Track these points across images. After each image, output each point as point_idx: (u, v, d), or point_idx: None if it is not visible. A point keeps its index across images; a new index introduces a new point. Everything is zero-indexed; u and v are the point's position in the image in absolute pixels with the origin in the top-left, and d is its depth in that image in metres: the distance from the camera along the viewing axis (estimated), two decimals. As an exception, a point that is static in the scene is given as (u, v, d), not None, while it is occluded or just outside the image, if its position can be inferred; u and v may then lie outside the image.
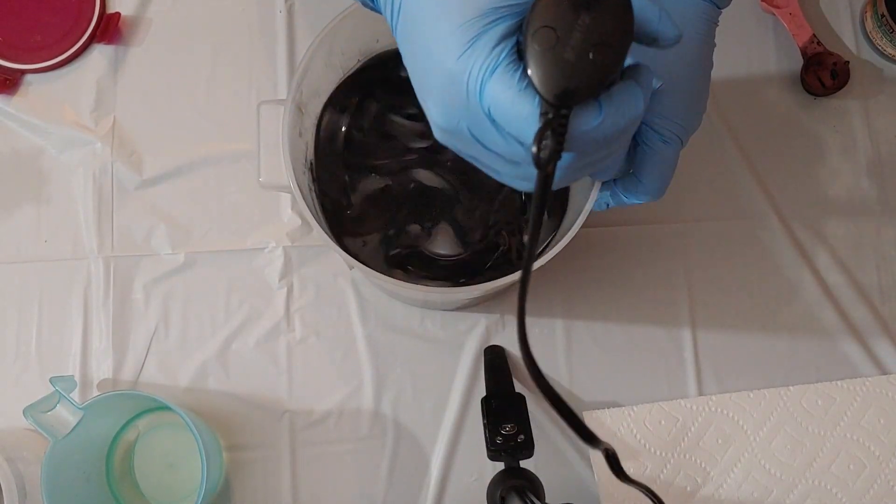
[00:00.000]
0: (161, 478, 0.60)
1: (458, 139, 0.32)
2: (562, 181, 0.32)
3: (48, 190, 0.64)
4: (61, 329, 0.62)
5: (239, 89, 0.65)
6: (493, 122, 0.30)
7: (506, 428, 0.53)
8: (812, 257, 0.64)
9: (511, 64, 0.29)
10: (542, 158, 0.28)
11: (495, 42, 0.29)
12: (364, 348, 0.61)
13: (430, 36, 0.30)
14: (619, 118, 0.30)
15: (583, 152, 0.30)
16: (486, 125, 0.30)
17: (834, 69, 0.65)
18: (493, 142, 0.31)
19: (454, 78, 0.29)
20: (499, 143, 0.31)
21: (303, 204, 0.45)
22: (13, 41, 0.65)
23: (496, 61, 0.29)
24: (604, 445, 0.33)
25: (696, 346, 0.62)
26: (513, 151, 0.31)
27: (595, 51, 0.27)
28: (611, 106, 0.29)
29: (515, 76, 0.29)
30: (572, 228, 0.44)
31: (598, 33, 0.27)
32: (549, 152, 0.28)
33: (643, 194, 0.45)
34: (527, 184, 0.33)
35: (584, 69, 0.27)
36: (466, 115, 0.30)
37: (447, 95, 0.30)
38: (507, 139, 0.30)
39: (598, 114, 0.29)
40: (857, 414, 0.60)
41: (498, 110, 0.29)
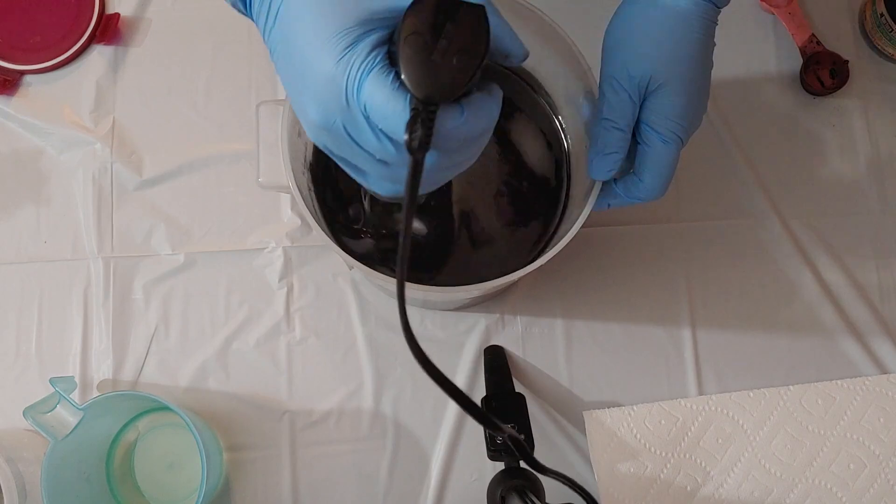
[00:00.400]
0: (161, 478, 0.60)
1: (332, 137, 0.35)
2: (427, 183, 0.35)
3: (48, 190, 0.64)
4: (61, 329, 0.62)
5: (238, 89, 0.65)
6: (368, 119, 0.33)
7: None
8: (812, 256, 0.64)
9: (385, 67, 0.32)
10: (414, 146, 0.31)
11: (370, 48, 0.32)
12: (364, 348, 0.61)
13: (310, 42, 0.33)
14: (478, 121, 0.33)
15: (446, 151, 0.33)
16: (361, 123, 0.33)
17: (833, 68, 0.65)
18: (367, 140, 0.34)
19: (333, 79, 0.32)
20: (371, 141, 0.33)
21: (302, 204, 0.45)
22: (13, 42, 0.65)
23: (372, 64, 0.32)
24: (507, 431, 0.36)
25: (696, 346, 0.62)
26: (384, 150, 0.33)
27: (458, 56, 0.31)
28: (471, 110, 0.33)
29: (389, 77, 0.32)
30: (573, 228, 0.44)
31: (461, 41, 0.32)
32: (419, 140, 0.31)
33: (644, 193, 0.45)
34: (391, 186, 0.36)
35: (449, 72, 0.31)
36: (343, 114, 0.33)
37: (325, 95, 0.33)
38: (379, 137, 0.33)
39: (461, 115, 0.33)
40: (857, 413, 0.60)
41: (373, 108, 0.32)
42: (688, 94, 0.43)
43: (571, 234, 0.44)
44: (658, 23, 0.43)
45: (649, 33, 0.43)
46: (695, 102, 0.44)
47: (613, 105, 0.43)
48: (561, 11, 0.47)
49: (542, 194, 0.53)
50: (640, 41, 0.43)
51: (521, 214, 0.53)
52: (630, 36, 0.44)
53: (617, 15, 0.45)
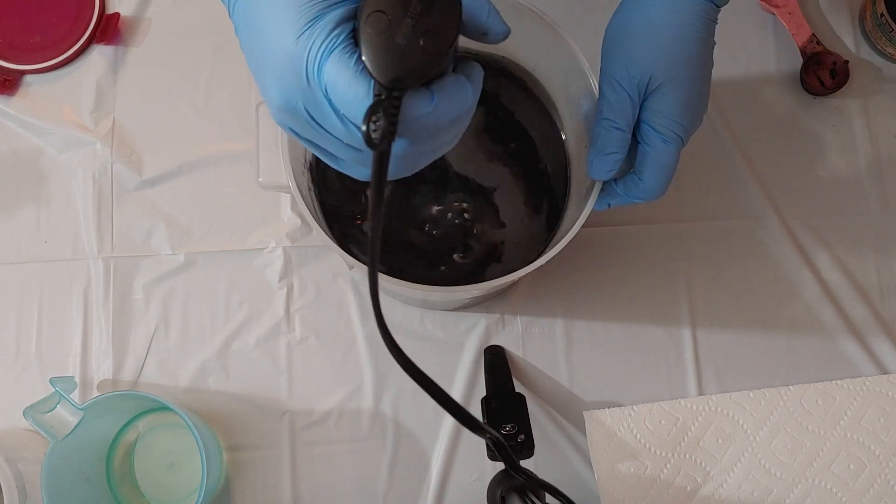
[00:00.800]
0: (161, 478, 0.60)
1: (295, 120, 0.32)
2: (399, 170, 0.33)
3: (48, 190, 0.64)
4: (61, 329, 0.62)
5: (238, 89, 0.65)
6: (330, 103, 0.30)
7: (506, 428, 0.53)
8: (812, 257, 0.64)
9: (348, 47, 0.29)
10: (375, 138, 0.28)
11: (333, 25, 0.29)
12: (364, 348, 0.61)
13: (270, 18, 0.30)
14: (450, 108, 0.31)
15: (416, 139, 0.31)
16: (323, 106, 0.31)
17: (833, 68, 0.65)
18: (331, 124, 0.31)
19: (293, 58, 0.30)
20: (336, 125, 0.31)
21: (302, 204, 0.45)
22: (13, 42, 0.66)
23: (334, 43, 0.29)
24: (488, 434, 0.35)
25: (696, 346, 0.62)
26: (350, 135, 0.31)
27: (425, 38, 0.28)
28: (442, 95, 0.30)
29: (352, 59, 0.29)
30: (573, 228, 0.44)
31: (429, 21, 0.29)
32: (381, 132, 0.28)
33: (645, 193, 0.45)
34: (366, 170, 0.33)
35: (415, 55, 0.28)
36: (304, 96, 0.31)
37: (286, 75, 0.31)
38: (344, 122, 0.31)
39: (430, 101, 0.30)
40: (857, 413, 0.60)
41: (334, 91, 0.30)
42: (688, 94, 0.43)
43: (572, 234, 0.44)
44: (657, 22, 0.43)
45: (649, 33, 0.43)
46: (695, 102, 0.44)
47: (613, 105, 0.43)
48: (561, 11, 0.47)
49: (542, 194, 0.53)
50: (640, 41, 0.43)
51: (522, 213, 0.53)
52: (629, 36, 0.44)
53: (616, 14, 0.45)
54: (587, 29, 0.48)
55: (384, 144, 0.29)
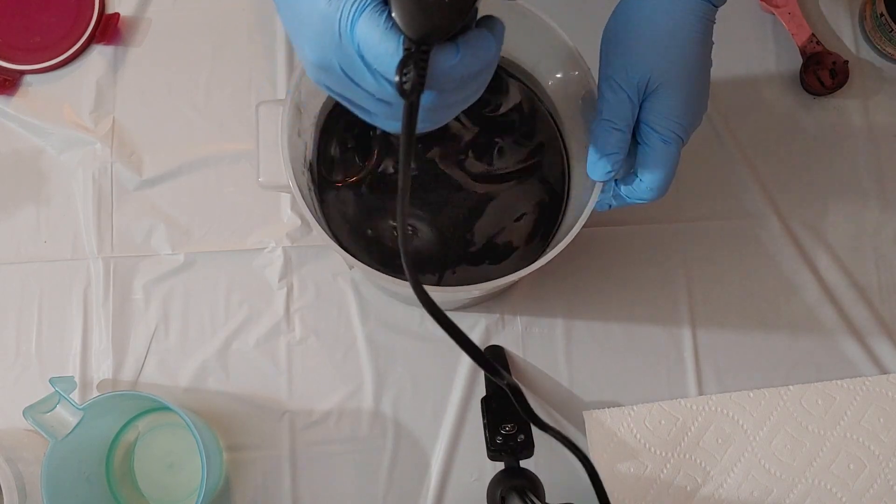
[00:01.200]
0: (161, 478, 0.60)
1: (330, 77, 0.34)
2: (426, 122, 0.35)
3: (48, 190, 0.64)
4: (61, 329, 0.62)
5: (238, 89, 0.65)
6: (363, 59, 0.32)
7: (506, 428, 0.53)
8: (811, 256, 0.64)
9: (378, 6, 0.31)
10: (406, 89, 0.31)
11: None
12: (364, 348, 0.61)
13: None
14: (475, 60, 0.33)
15: (442, 91, 0.33)
16: (356, 63, 0.33)
17: (833, 68, 0.65)
18: (364, 79, 0.33)
19: (327, 18, 0.32)
20: (369, 81, 0.33)
21: (302, 204, 0.45)
22: (13, 42, 0.66)
23: (364, 3, 0.31)
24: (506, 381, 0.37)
25: (695, 346, 0.62)
26: (382, 90, 0.33)
27: None
28: (467, 48, 0.32)
29: (382, 17, 0.31)
30: (573, 228, 0.44)
31: None
32: (412, 84, 0.31)
33: (645, 194, 0.45)
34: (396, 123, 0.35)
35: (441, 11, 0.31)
36: (338, 53, 0.33)
37: (320, 34, 0.33)
38: (376, 77, 0.33)
39: (455, 54, 0.32)
40: (856, 413, 0.60)
41: (366, 48, 0.32)
42: (687, 94, 0.43)
43: (572, 234, 0.44)
44: (656, 23, 0.43)
45: (647, 33, 0.43)
46: (694, 102, 0.44)
47: (612, 105, 0.43)
48: (560, 11, 0.47)
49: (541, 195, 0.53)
50: (639, 41, 0.43)
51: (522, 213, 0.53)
52: (628, 36, 0.44)
53: (615, 15, 0.45)
54: (586, 29, 0.48)
55: (414, 95, 0.31)
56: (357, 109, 0.36)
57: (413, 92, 0.31)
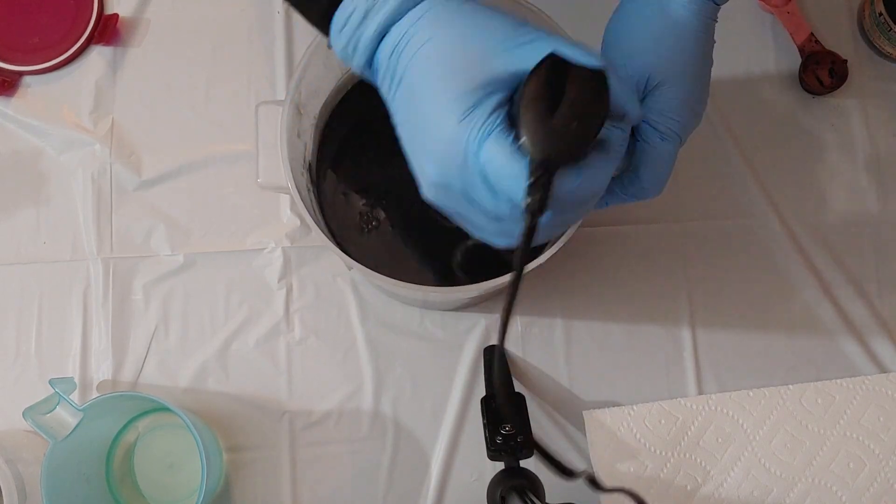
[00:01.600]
0: (161, 479, 0.60)
1: (449, 196, 0.36)
2: (540, 237, 0.36)
3: (47, 191, 0.64)
4: (61, 330, 0.62)
5: (237, 90, 0.65)
6: (486, 180, 0.33)
7: (506, 428, 0.53)
8: (811, 256, 0.64)
9: (505, 129, 0.33)
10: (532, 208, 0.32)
11: (491, 110, 0.33)
12: (364, 348, 0.61)
13: (432, 104, 0.34)
14: (594, 183, 0.34)
15: (561, 210, 0.34)
16: (478, 183, 0.34)
17: (832, 68, 0.65)
18: (482, 198, 0.34)
19: (454, 140, 0.33)
20: (486, 200, 0.34)
21: (301, 205, 0.45)
22: (12, 43, 0.65)
23: (492, 126, 0.33)
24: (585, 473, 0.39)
25: (695, 345, 0.62)
26: (498, 208, 0.34)
27: (578, 121, 0.32)
28: (588, 172, 0.34)
29: (508, 139, 0.32)
30: (571, 228, 0.44)
31: (581, 107, 0.32)
32: (535, 206, 0.32)
33: (642, 191, 0.45)
34: (505, 239, 0.36)
35: (569, 136, 0.32)
36: (461, 174, 0.34)
37: (446, 156, 0.34)
38: (495, 196, 0.34)
39: (577, 177, 0.33)
40: (856, 412, 0.60)
41: (492, 169, 0.33)
42: (686, 92, 0.43)
43: (570, 233, 0.44)
44: (656, 21, 0.43)
45: (647, 32, 0.43)
46: (694, 100, 0.44)
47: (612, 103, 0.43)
48: (560, 10, 0.47)
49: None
50: (638, 40, 0.43)
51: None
52: (628, 35, 0.44)
53: (616, 14, 0.45)
54: (587, 28, 0.48)
55: (536, 218, 0.32)
56: (467, 224, 0.37)
57: (535, 215, 0.32)
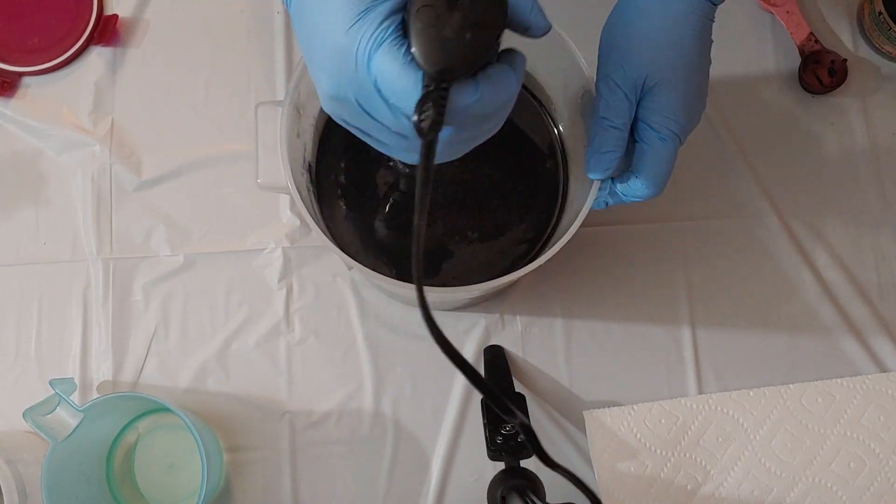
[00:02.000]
0: (161, 479, 0.60)
1: (346, 109, 0.34)
2: (444, 155, 0.34)
3: (47, 192, 0.64)
4: (61, 331, 0.62)
5: (237, 90, 0.65)
6: (380, 93, 0.31)
7: (506, 428, 0.53)
8: (811, 255, 0.64)
9: (397, 39, 0.30)
10: (424, 127, 0.30)
11: (382, 17, 0.30)
12: (364, 348, 0.61)
13: (322, 11, 0.32)
14: (495, 97, 0.32)
15: (461, 126, 0.32)
16: (373, 96, 0.32)
17: (832, 67, 0.65)
18: (380, 113, 0.32)
19: (344, 50, 0.31)
20: (385, 114, 0.32)
21: (301, 205, 0.45)
22: (11, 44, 0.65)
23: (383, 35, 0.30)
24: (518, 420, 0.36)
25: (695, 345, 0.62)
26: (399, 123, 0.32)
27: (472, 31, 0.30)
28: (487, 85, 0.31)
29: (401, 51, 0.30)
30: (571, 227, 0.44)
31: (475, 15, 0.30)
32: (430, 122, 0.29)
33: (642, 191, 0.45)
34: (414, 156, 0.34)
35: (462, 48, 0.30)
36: (355, 86, 0.32)
37: (336, 66, 0.32)
38: (393, 110, 0.32)
39: (475, 91, 0.31)
40: (857, 412, 0.60)
41: (384, 82, 0.31)
42: (684, 92, 0.43)
43: (570, 233, 0.44)
44: (654, 21, 0.43)
45: (645, 32, 0.43)
46: (692, 100, 0.44)
47: (610, 104, 0.43)
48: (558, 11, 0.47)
49: (540, 194, 0.53)
50: (637, 40, 0.43)
51: (520, 214, 0.53)
52: (626, 34, 0.44)
53: (613, 13, 0.45)
54: (585, 29, 0.48)
55: (433, 134, 0.30)
56: (372, 141, 0.36)
57: (431, 130, 0.30)
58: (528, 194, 0.53)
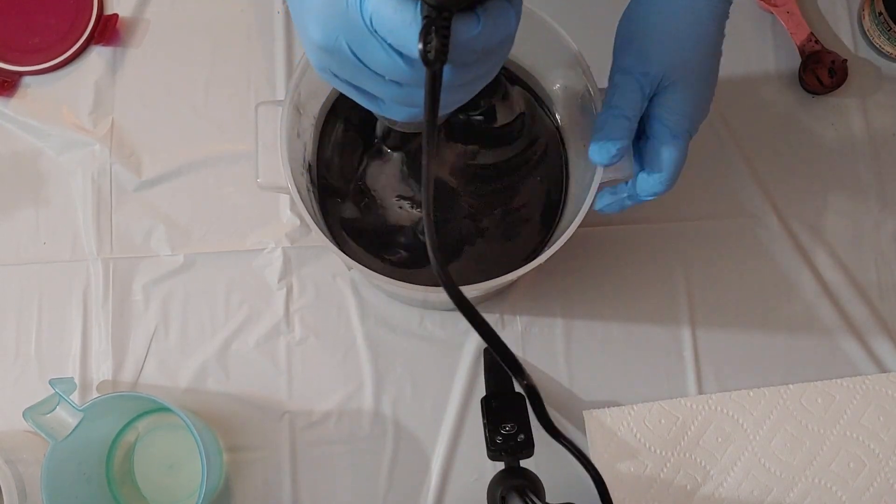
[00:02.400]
0: (161, 479, 0.60)
1: (336, 59, 0.32)
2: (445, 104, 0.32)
3: (47, 192, 0.64)
4: (61, 331, 0.62)
5: (237, 90, 0.65)
6: (375, 33, 0.30)
7: (506, 428, 0.53)
8: (811, 255, 0.64)
9: None
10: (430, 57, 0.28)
11: None
12: (364, 348, 0.61)
13: None
14: (496, 31, 0.30)
15: (462, 65, 0.31)
16: (367, 39, 0.30)
17: (832, 67, 0.65)
18: (375, 58, 0.31)
19: None
20: (380, 58, 0.31)
21: (301, 205, 0.45)
22: (11, 43, 0.65)
23: None
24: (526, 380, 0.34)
25: (695, 345, 0.62)
26: (395, 67, 0.31)
27: None
28: (487, 18, 0.30)
29: None
30: (571, 227, 0.44)
31: None
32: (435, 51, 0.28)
33: (658, 188, 0.45)
34: (407, 110, 0.33)
35: None
36: (347, 30, 0.30)
37: (328, 9, 0.30)
38: (388, 53, 0.30)
39: (476, 24, 0.30)
40: (856, 412, 0.60)
41: (380, 19, 0.29)
42: (699, 91, 0.43)
43: (570, 233, 0.44)
44: (672, 19, 0.43)
45: (665, 28, 0.43)
46: (705, 96, 0.44)
47: (625, 94, 0.43)
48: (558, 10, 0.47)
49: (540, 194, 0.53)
50: (656, 36, 0.43)
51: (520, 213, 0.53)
52: (644, 31, 0.43)
53: (628, 13, 0.45)
54: (587, 29, 0.48)
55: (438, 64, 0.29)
56: (363, 97, 0.34)
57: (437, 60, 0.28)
58: (528, 194, 0.53)
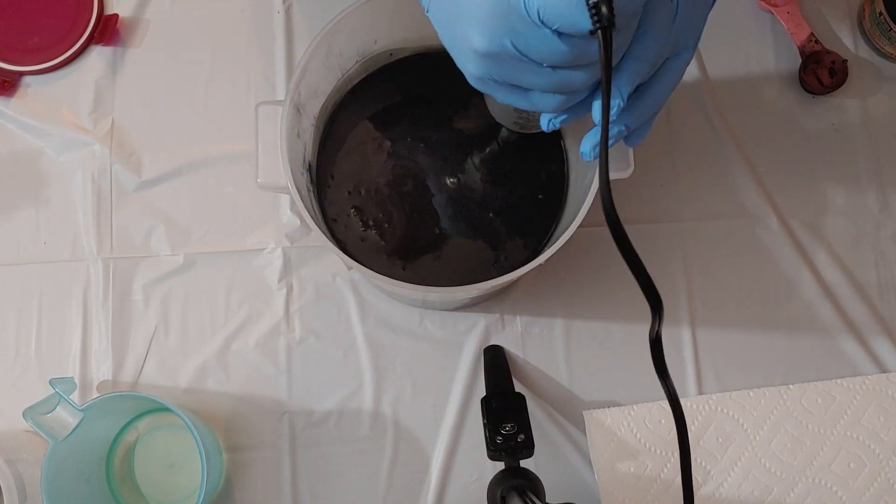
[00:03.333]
0: (161, 479, 0.60)
1: (498, 63, 0.34)
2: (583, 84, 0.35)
3: (47, 191, 0.64)
4: (61, 331, 0.62)
5: (237, 90, 0.65)
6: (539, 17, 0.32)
7: (506, 428, 0.53)
8: (811, 256, 0.64)
9: None
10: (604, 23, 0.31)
11: None
12: (364, 348, 0.61)
13: None
14: None
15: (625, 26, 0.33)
16: (531, 31, 0.33)
17: (832, 68, 0.65)
18: (537, 45, 0.33)
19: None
20: (542, 44, 0.33)
21: (301, 205, 0.45)
22: (11, 43, 0.65)
23: None
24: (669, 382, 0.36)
25: (695, 345, 0.62)
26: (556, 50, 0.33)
27: None
28: None
29: None
30: (571, 227, 0.44)
31: None
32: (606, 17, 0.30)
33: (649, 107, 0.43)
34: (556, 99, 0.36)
35: None
36: (511, 28, 0.33)
37: (491, 13, 0.33)
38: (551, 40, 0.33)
39: None
40: (857, 412, 0.60)
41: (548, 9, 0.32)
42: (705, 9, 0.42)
43: (570, 233, 0.44)
44: None
45: None
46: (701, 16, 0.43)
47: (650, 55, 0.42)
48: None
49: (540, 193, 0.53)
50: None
51: (520, 213, 0.53)
52: None
53: None
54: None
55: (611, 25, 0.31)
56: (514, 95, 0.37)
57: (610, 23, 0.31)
58: (529, 194, 0.53)
